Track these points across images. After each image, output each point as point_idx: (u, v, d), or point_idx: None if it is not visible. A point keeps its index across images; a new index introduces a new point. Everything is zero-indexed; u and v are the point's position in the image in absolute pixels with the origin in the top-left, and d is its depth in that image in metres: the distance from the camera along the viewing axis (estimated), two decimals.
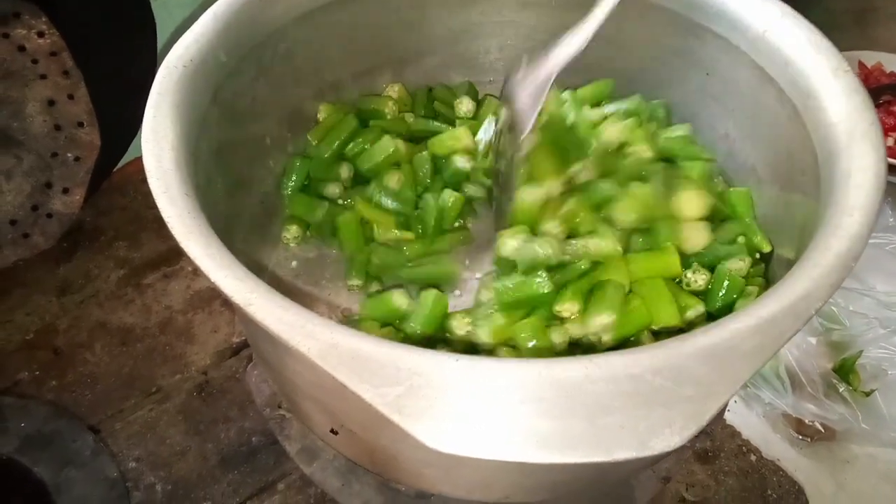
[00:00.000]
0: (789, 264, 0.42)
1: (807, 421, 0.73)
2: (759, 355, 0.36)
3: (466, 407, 0.34)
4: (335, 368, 0.35)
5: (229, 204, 0.56)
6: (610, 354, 0.36)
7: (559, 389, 0.34)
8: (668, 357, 0.36)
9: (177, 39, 0.52)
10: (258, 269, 0.57)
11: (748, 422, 0.73)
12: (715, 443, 0.71)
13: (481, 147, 0.65)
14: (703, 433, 0.66)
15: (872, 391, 0.72)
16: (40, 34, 0.71)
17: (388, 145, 0.64)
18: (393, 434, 0.44)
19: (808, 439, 0.73)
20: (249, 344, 0.70)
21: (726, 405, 0.71)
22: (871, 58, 1.03)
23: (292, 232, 0.64)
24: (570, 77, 0.69)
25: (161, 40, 0.84)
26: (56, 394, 0.71)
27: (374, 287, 0.61)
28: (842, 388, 0.73)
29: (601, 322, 0.53)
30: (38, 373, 0.73)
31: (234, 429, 0.69)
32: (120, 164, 0.89)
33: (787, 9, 0.55)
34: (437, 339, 0.56)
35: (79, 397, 0.71)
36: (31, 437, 0.62)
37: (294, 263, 0.65)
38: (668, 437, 0.33)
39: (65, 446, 0.62)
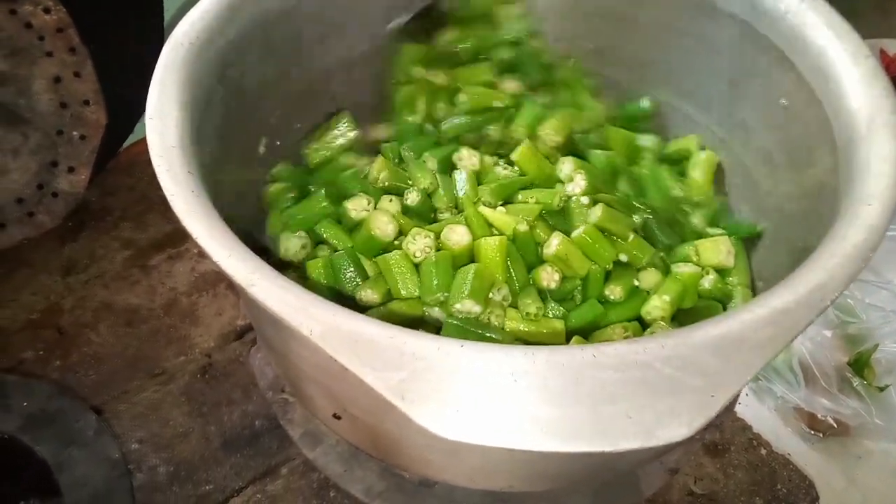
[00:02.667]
0: (806, 254, 0.41)
1: (819, 416, 0.72)
2: (771, 346, 0.35)
3: (470, 393, 0.33)
4: (337, 351, 0.34)
5: (234, 184, 0.55)
6: (618, 342, 0.35)
7: (565, 376, 0.34)
8: (678, 345, 0.35)
9: (183, 15, 0.51)
10: (263, 251, 0.56)
11: (759, 415, 0.72)
12: (725, 436, 0.70)
13: None
14: (713, 426, 0.65)
15: (887, 386, 0.71)
16: (46, 10, 0.70)
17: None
18: (396, 419, 0.43)
19: (821, 434, 0.72)
20: (253, 327, 0.70)
21: (737, 397, 0.71)
22: (892, 45, 1.01)
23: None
24: (583, 62, 0.69)
25: (168, 17, 0.83)
26: (60, 373, 0.71)
27: None
28: (856, 382, 0.72)
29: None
30: (42, 352, 0.72)
31: (237, 412, 0.69)
32: (126, 144, 0.89)
33: None
34: None
35: (83, 377, 0.71)
36: (34, 416, 0.62)
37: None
38: (675, 428, 0.32)
39: (67, 426, 0.62)
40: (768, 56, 0.55)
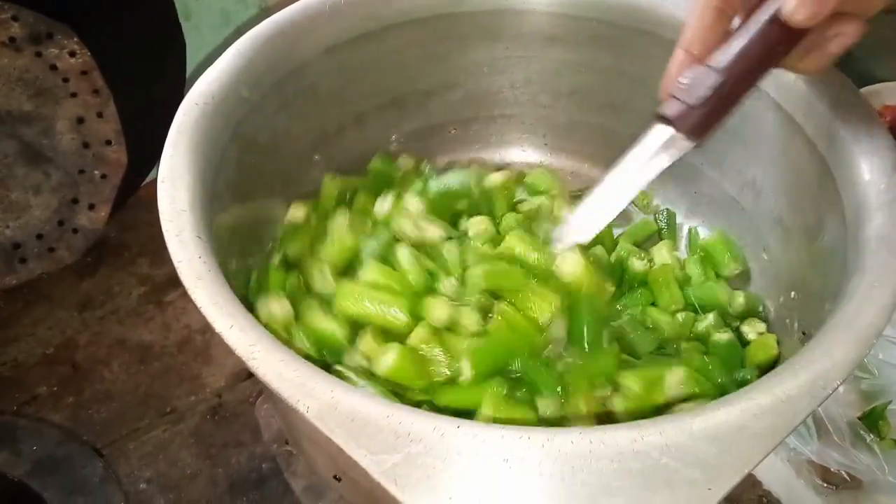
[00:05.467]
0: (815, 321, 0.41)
1: (832, 469, 0.71)
2: (770, 438, 0.35)
3: (464, 479, 0.33)
4: (332, 431, 0.35)
5: (245, 242, 0.55)
6: (617, 427, 0.35)
7: (562, 464, 0.34)
8: (677, 434, 0.35)
9: (209, 63, 0.52)
10: None
11: (772, 466, 0.71)
12: (733, 491, 0.69)
13: None
14: None
15: None
16: (72, 53, 0.71)
17: None
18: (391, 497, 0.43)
19: (834, 487, 0.70)
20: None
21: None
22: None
23: None
24: (596, 116, 0.69)
25: (191, 60, 0.85)
26: (72, 410, 0.72)
27: None
28: (868, 438, 0.71)
29: None
30: (56, 388, 0.73)
31: (244, 454, 0.69)
32: (146, 181, 0.90)
33: None
34: None
35: (94, 415, 0.71)
36: (42, 462, 0.62)
37: None
38: None
39: (74, 472, 0.62)
40: (779, 119, 0.55)
